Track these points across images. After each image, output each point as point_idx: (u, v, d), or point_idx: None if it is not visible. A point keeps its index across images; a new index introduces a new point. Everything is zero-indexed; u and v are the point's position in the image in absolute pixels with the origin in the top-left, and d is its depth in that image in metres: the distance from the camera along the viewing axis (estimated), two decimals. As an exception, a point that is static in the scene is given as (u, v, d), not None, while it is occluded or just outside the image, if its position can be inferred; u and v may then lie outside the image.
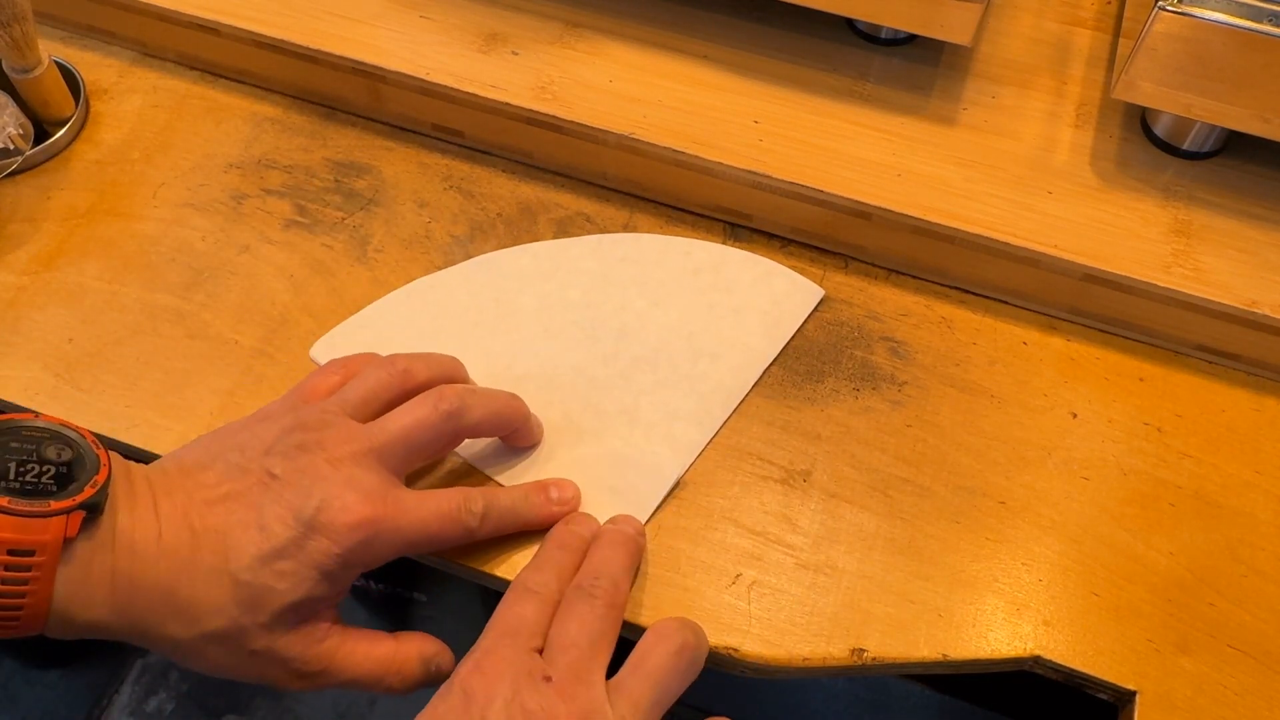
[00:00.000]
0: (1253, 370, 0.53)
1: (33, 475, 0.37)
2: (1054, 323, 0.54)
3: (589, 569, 0.43)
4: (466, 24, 0.59)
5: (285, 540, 0.40)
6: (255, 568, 0.40)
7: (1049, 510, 0.49)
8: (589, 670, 0.39)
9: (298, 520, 0.40)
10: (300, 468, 0.41)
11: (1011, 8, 0.61)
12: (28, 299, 0.54)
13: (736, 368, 0.52)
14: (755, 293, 0.54)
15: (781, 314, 0.53)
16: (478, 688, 0.38)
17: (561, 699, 0.38)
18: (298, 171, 0.59)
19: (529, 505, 0.46)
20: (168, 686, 0.71)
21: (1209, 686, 0.44)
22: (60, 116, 0.59)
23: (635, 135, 0.54)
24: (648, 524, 0.47)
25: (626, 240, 0.55)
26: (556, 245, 0.55)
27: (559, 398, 0.50)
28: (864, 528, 0.48)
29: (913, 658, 0.45)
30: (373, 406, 0.44)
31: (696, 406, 0.50)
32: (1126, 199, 0.53)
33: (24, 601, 0.36)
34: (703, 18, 0.60)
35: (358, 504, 0.41)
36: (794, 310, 0.54)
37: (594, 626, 0.40)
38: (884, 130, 0.55)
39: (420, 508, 0.42)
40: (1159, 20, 0.47)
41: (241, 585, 0.40)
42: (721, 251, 0.55)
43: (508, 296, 0.53)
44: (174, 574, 0.39)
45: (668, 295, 0.53)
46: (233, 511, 0.40)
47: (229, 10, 0.59)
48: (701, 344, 0.52)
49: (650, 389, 0.50)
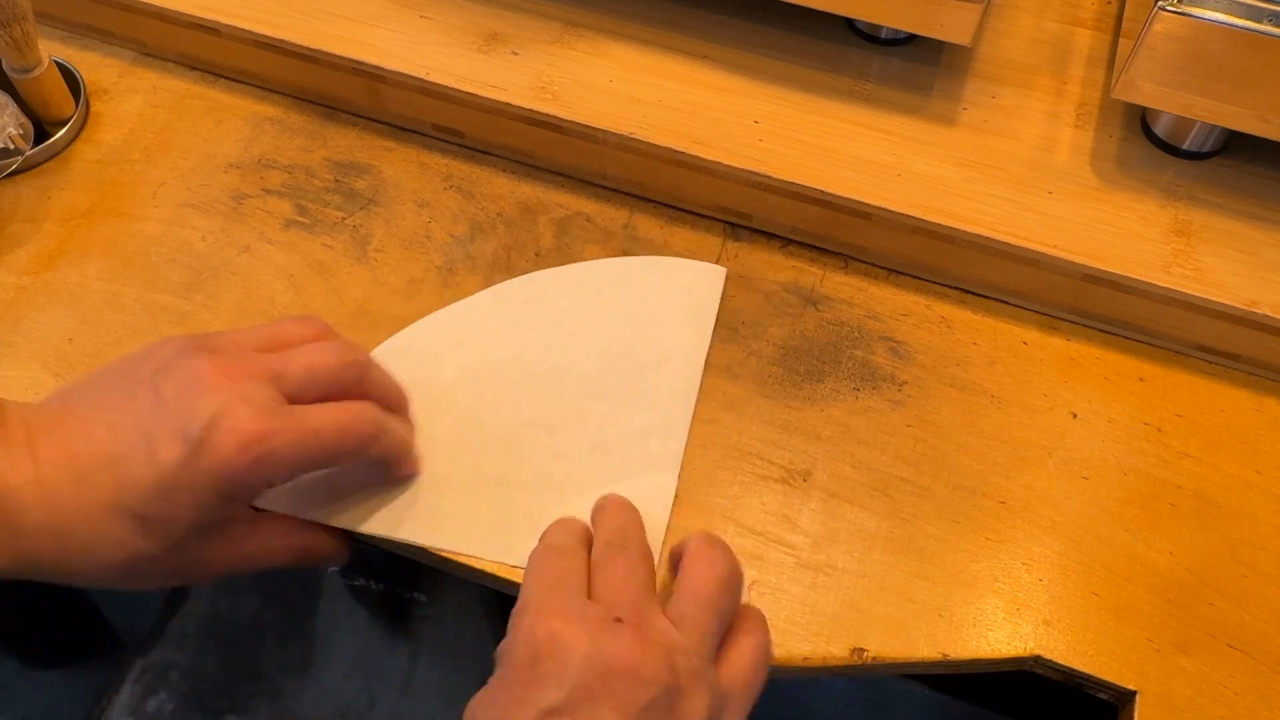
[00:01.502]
0: (1253, 370, 0.53)
1: None
2: (1054, 323, 0.54)
3: (609, 528, 0.42)
4: (466, 24, 0.59)
5: (174, 467, 0.38)
6: (149, 499, 0.38)
7: (1049, 510, 0.49)
8: (650, 608, 0.38)
9: (186, 441, 0.38)
10: (190, 378, 0.39)
11: (1011, 8, 0.61)
12: (28, 299, 0.54)
13: (681, 368, 0.51)
14: (666, 291, 0.54)
15: (698, 303, 0.53)
16: (545, 640, 0.36)
17: (639, 640, 0.36)
18: (298, 171, 0.59)
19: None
20: (168, 686, 0.71)
21: (1209, 686, 0.44)
22: (60, 116, 0.59)
23: (635, 135, 0.54)
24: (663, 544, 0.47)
25: (520, 284, 0.54)
26: (453, 311, 0.53)
27: (527, 458, 0.48)
28: (864, 527, 0.48)
29: (913, 658, 0.45)
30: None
31: (661, 418, 0.50)
32: (1126, 199, 0.53)
33: None
34: (703, 18, 0.60)
35: (248, 420, 0.38)
36: (707, 295, 0.54)
37: (637, 572, 0.39)
38: (884, 130, 0.55)
39: (316, 418, 0.40)
40: (1159, 20, 0.47)
41: (138, 518, 0.38)
42: (618, 263, 0.55)
43: (428, 378, 0.50)
44: (62, 517, 0.38)
45: (585, 322, 0.52)
46: (120, 439, 0.38)
47: (229, 10, 0.59)
48: (639, 357, 0.51)
49: (610, 417, 0.49)
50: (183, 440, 0.38)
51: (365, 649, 0.71)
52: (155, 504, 0.38)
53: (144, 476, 0.38)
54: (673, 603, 0.40)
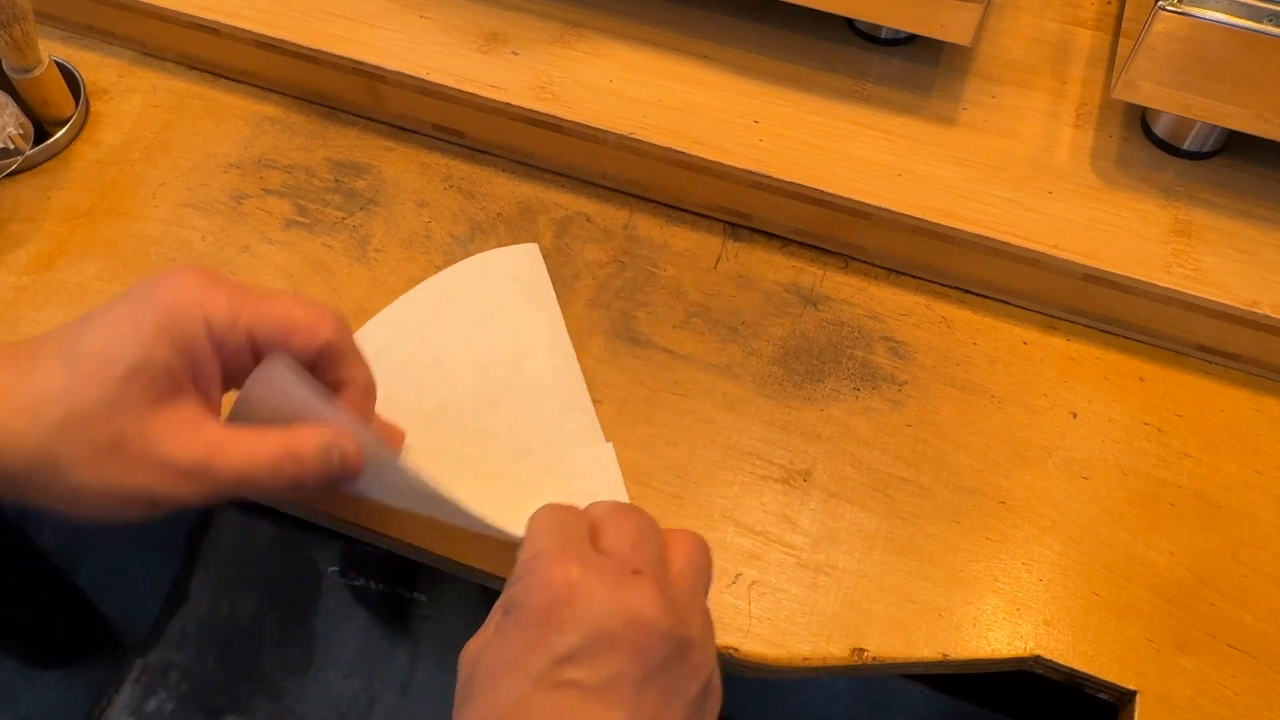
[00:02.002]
0: (1253, 370, 0.53)
1: None
2: (1054, 323, 0.54)
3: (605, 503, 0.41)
4: (466, 24, 0.59)
5: (107, 307, 0.37)
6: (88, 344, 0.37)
7: (1049, 510, 0.49)
8: (664, 565, 0.37)
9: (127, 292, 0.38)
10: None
11: (1011, 8, 0.61)
12: (28, 299, 0.54)
13: (550, 345, 0.51)
14: (494, 285, 0.53)
15: (529, 282, 0.53)
16: (561, 586, 0.34)
17: (658, 592, 0.35)
18: (298, 171, 0.59)
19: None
20: (168, 686, 0.71)
21: (1209, 686, 0.44)
22: (60, 116, 0.59)
23: (635, 135, 0.54)
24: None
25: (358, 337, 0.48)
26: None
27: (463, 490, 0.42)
28: (864, 527, 0.48)
29: (913, 658, 0.45)
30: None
31: (560, 399, 0.50)
32: (1126, 199, 0.53)
33: None
34: (703, 18, 0.60)
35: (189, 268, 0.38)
36: (534, 272, 0.54)
37: (651, 530, 0.38)
38: (884, 130, 0.55)
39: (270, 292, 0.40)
40: (1159, 20, 0.47)
41: (78, 360, 0.37)
42: (434, 282, 0.53)
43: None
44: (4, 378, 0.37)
45: (439, 349, 0.51)
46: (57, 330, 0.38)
47: (229, 10, 0.59)
48: (507, 355, 0.51)
49: (515, 421, 0.49)
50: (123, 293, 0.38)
51: (365, 649, 0.71)
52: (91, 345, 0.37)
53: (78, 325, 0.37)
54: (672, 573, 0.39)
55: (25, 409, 0.36)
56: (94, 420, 0.36)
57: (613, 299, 0.54)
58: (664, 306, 0.54)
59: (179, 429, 0.37)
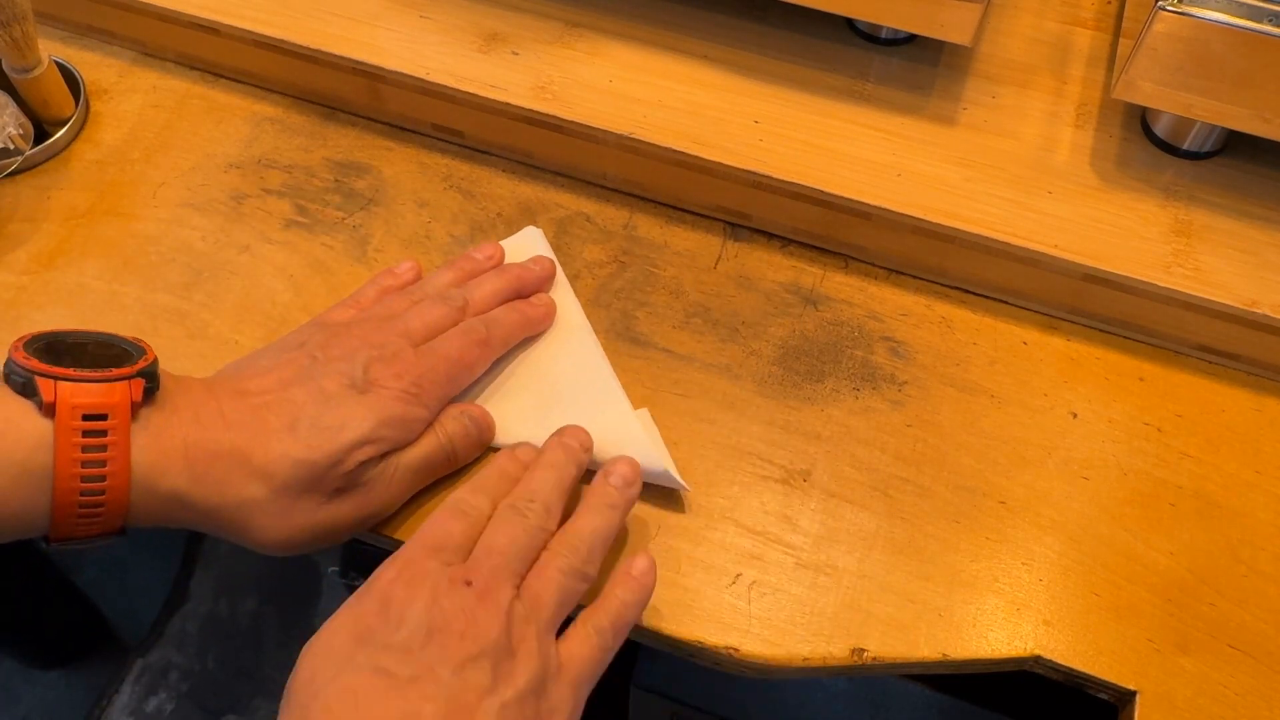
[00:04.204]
0: (1253, 370, 0.53)
1: (89, 360, 0.41)
2: (1054, 323, 0.54)
3: (523, 490, 0.43)
4: (466, 24, 0.59)
5: (341, 391, 0.44)
6: (318, 415, 0.43)
7: (1049, 510, 0.49)
8: (509, 579, 0.40)
9: (352, 384, 0.44)
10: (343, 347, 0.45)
11: (1011, 8, 0.61)
12: (28, 299, 0.54)
13: (566, 319, 0.52)
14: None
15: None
16: (397, 593, 0.39)
17: (478, 602, 0.38)
18: (298, 171, 0.59)
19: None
20: (168, 686, 0.71)
21: (1209, 686, 0.44)
22: (60, 116, 0.59)
23: (635, 135, 0.54)
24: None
25: None
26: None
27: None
28: (864, 528, 0.48)
29: (913, 658, 0.45)
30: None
31: (592, 375, 0.50)
32: (1126, 199, 0.53)
33: (106, 470, 0.40)
34: (703, 18, 0.60)
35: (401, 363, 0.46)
36: (541, 254, 0.54)
37: (521, 540, 0.41)
38: (884, 130, 0.55)
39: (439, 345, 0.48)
40: (1159, 20, 0.47)
41: (310, 433, 0.43)
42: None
43: None
44: (245, 439, 0.42)
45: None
46: (288, 386, 0.44)
47: (229, 10, 0.59)
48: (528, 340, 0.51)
49: (546, 397, 0.49)
50: (349, 382, 0.44)
51: (365, 649, 0.71)
52: (324, 417, 0.43)
53: (313, 402, 0.44)
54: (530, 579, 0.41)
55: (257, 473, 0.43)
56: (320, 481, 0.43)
57: (613, 299, 0.54)
58: (664, 306, 0.54)
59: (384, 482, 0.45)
